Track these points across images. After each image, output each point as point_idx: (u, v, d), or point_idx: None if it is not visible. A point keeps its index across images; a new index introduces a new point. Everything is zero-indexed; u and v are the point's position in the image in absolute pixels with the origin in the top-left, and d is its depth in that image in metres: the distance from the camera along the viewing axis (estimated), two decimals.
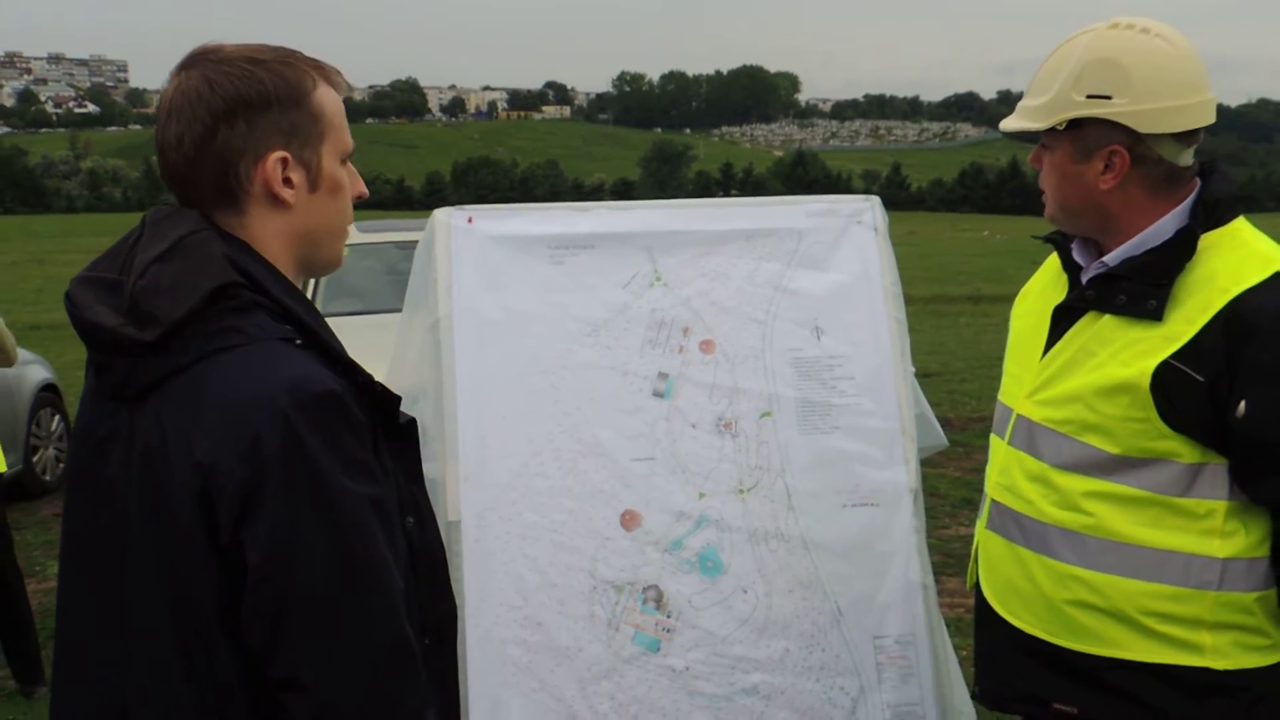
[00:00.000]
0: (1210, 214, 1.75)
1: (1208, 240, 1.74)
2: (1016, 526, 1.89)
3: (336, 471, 1.20)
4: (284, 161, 1.33)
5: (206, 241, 1.28)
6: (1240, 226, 1.78)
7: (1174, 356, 1.68)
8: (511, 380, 2.52)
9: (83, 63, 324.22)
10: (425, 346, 2.54)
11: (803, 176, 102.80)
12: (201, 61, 1.32)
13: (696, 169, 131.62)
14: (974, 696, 2.08)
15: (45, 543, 6.11)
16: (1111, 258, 1.81)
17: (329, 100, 1.37)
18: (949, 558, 5.37)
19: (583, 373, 2.55)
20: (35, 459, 7.06)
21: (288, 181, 1.34)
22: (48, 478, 7.19)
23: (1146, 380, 1.69)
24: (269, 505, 1.18)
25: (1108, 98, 1.71)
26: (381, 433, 1.32)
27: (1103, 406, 1.74)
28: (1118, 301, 1.76)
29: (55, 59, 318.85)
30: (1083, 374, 1.79)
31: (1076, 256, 1.91)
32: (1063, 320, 1.88)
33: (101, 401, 1.31)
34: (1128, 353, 1.73)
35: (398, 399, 1.35)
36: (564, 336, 2.57)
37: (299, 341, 1.27)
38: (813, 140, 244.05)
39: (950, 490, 6.70)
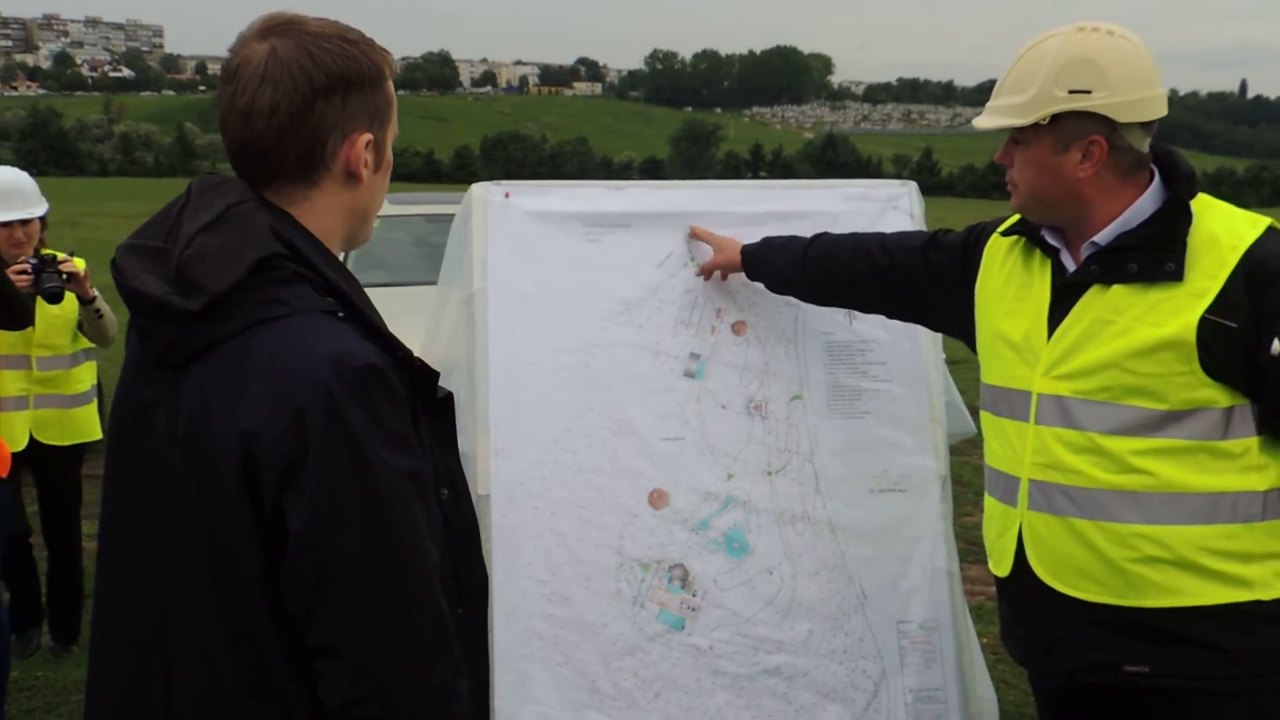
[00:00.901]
0: (1189, 186, 1.90)
1: (1193, 207, 1.89)
2: (1066, 500, 1.92)
3: (377, 444, 1.22)
4: (369, 143, 1.36)
5: (252, 212, 1.29)
6: (1207, 197, 1.93)
7: (1209, 311, 1.80)
8: (544, 356, 2.53)
9: (119, 27, 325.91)
10: (460, 320, 2.56)
11: (833, 159, 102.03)
12: (294, 32, 1.32)
13: (726, 149, 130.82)
14: (1032, 680, 2.10)
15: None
16: (1102, 236, 1.92)
17: (392, 85, 1.41)
18: (972, 545, 5.32)
19: (615, 351, 2.56)
20: None
21: (365, 161, 1.37)
22: None
23: (1191, 335, 1.80)
24: (311, 476, 1.20)
25: (1088, 92, 1.85)
26: (420, 406, 1.34)
27: (1141, 367, 1.83)
28: (1129, 271, 1.87)
29: (92, 22, 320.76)
30: (1105, 342, 1.87)
31: (1051, 241, 2.01)
32: (1064, 299, 1.95)
33: (145, 367, 1.33)
34: (1155, 314, 1.83)
35: (436, 374, 1.36)
36: (597, 314, 2.58)
37: (341, 314, 1.29)
38: (844, 123, 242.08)
39: (974, 478, 6.67)
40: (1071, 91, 1.85)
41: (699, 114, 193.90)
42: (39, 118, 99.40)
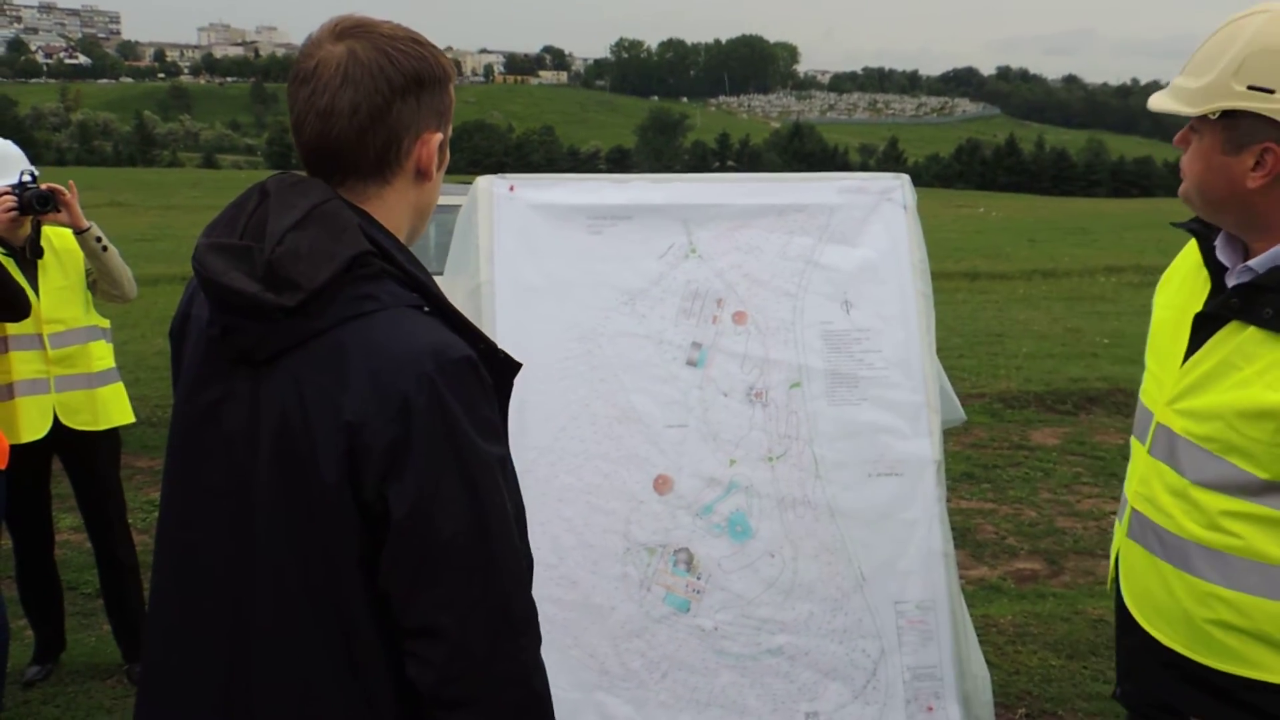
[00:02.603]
0: None
1: None
2: (1156, 539, 1.83)
3: (472, 433, 1.27)
4: (440, 142, 1.41)
5: (339, 211, 1.32)
6: None
7: None
8: (550, 345, 2.59)
9: (74, 13, 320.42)
10: (467, 310, 2.59)
11: (799, 149, 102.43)
12: (369, 34, 1.36)
13: (693, 139, 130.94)
14: (1115, 697, 2.03)
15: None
16: (1258, 263, 1.69)
17: (453, 88, 1.46)
18: (952, 530, 5.46)
19: (619, 340, 2.62)
20: None
21: (435, 160, 1.42)
22: None
23: None
24: (415, 463, 1.24)
25: (1270, 91, 1.60)
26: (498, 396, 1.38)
27: (1247, 429, 1.65)
28: (1264, 315, 1.64)
29: (46, 8, 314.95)
30: (1224, 389, 1.69)
31: (1220, 255, 1.79)
32: (1205, 326, 1.76)
33: (213, 365, 1.35)
34: (1274, 373, 1.62)
35: (518, 365, 1.41)
36: (601, 304, 2.64)
37: (426, 309, 1.33)
38: (810, 112, 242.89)
39: (950, 464, 6.74)
40: (1251, 88, 1.60)
41: (665, 103, 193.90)
42: None
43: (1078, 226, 31.62)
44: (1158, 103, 1.77)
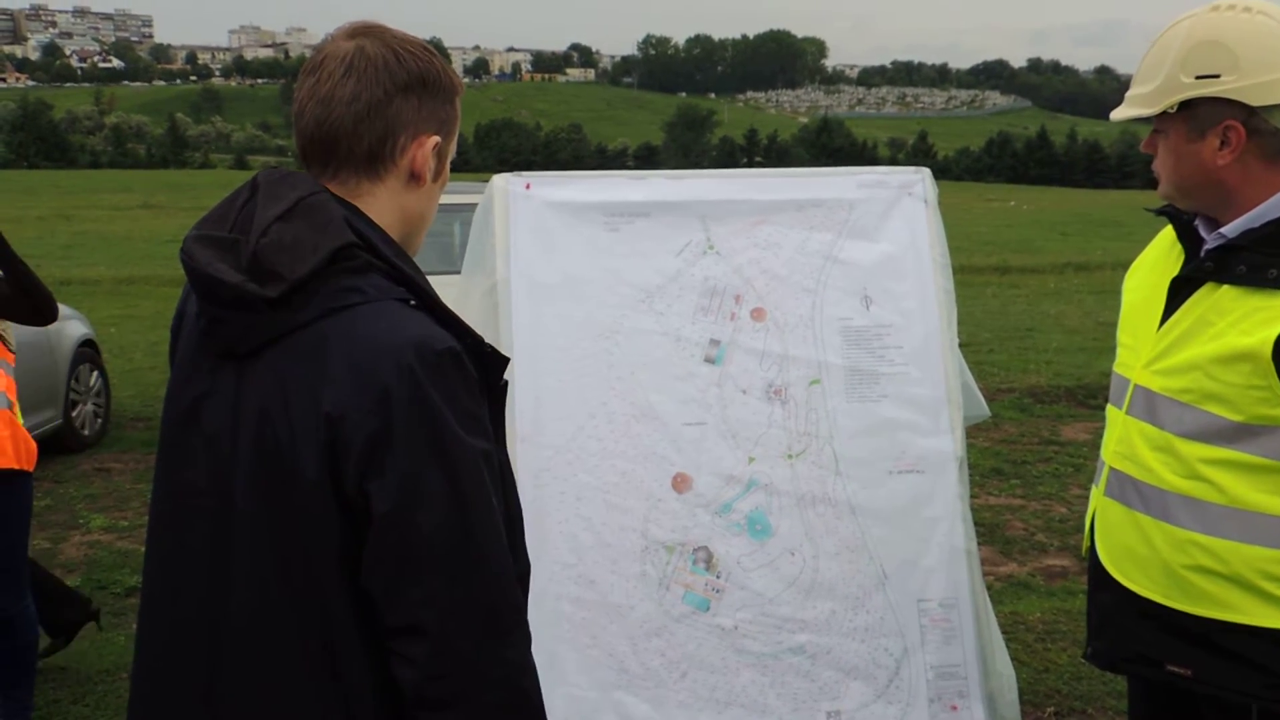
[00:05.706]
0: None
1: None
2: (1136, 494, 1.92)
3: (456, 426, 1.26)
4: (436, 146, 1.41)
5: (326, 203, 1.32)
6: None
7: None
8: (567, 344, 2.58)
9: (107, 17, 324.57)
10: (483, 309, 2.60)
11: (828, 144, 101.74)
12: (381, 34, 1.38)
13: (720, 134, 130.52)
14: (1084, 658, 2.11)
15: (86, 496, 6.24)
16: (1230, 229, 1.83)
17: (459, 106, 1.48)
18: (978, 526, 5.39)
19: (636, 338, 2.61)
20: (74, 414, 7.15)
21: (430, 165, 1.42)
22: (86, 433, 7.28)
23: (1269, 349, 1.71)
24: (396, 456, 1.23)
25: (1216, 76, 1.77)
26: (485, 392, 1.37)
27: (1222, 375, 1.77)
28: (1237, 271, 1.78)
29: (80, 12, 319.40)
30: (1201, 343, 1.81)
31: (1201, 230, 1.92)
32: (1180, 291, 1.89)
33: (199, 360, 1.35)
34: (1248, 322, 1.75)
35: (505, 360, 1.40)
36: (618, 302, 2.62)
37: (413, 303, 1.32)
38: (839, 107, 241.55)
39: (979, 460, 6.73)
40: (1199, 77, 1.77)
41: (693, 99, 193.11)
42: (29, 110, 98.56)
43: (1111, 219, 31.25)
44: (1120, 113, 1.92)
